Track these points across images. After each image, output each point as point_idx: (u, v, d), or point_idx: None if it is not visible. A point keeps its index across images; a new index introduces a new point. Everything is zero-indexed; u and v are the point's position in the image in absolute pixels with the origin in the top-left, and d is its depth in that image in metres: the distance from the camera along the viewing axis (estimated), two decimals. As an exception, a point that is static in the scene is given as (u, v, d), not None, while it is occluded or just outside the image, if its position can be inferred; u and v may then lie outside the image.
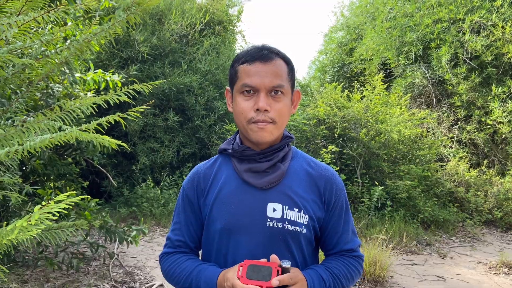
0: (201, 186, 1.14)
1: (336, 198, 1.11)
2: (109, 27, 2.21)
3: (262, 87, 1.01)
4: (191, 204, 1.15)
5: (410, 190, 5.89)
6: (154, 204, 5.99)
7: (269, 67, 1.02)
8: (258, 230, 1.05)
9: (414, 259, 4.82)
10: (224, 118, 7.40)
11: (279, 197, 1.06)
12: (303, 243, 1.08)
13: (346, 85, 9.65)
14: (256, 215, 1.06)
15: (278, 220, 1.05)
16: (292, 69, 1.10)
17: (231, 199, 1.08)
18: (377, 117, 6.32)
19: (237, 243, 1.07)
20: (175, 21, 7.16)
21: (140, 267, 4.14)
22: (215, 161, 1.18)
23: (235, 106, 1.08)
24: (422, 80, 8.15)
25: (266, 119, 1.02)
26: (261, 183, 1.06)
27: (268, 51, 1.04)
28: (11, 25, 1.76)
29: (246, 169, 1.08)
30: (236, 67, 1.08)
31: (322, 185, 1.10)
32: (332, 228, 1.12)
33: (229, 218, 1.07)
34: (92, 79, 4.79)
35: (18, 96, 2.66)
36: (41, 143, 1.86)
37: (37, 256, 3.91)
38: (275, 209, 1.05)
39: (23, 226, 1.45)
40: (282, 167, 1.08)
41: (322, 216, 1.10)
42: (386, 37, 8.70)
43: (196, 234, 1.16)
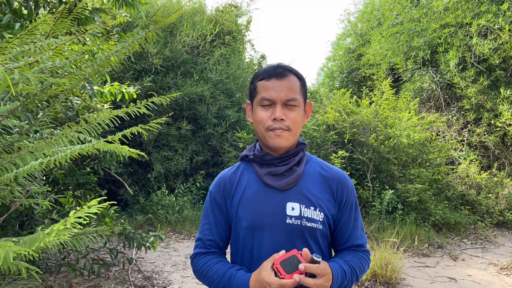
0: (227, 190, 1.28)
1: (347, 198, 1.25)
2: (129, 45, 2.38)
3: (278, 99, 1.17)
4: (219, 206, 1.28)
5: (421, 194, 5.94)
6: (169, 211, 6.14)
7: (284, 82, 1.18)
8: (279, 227, 1.18)
9: (425, 261, 4.87)
10: (236, 126, 7.56)
11: (297, 197, 1.20)
12: (319, 238, 1.21)
13: (355, 91, 9.75)
14: (276, 214, 1.19)
15: (296, 217, 1.18)
16: (304, 84, 1.25)
17: (254, 200, 1.22)
18: (386, 122, 6.41)
19: (261, 239, 1.19)
20: (186, 33, 7.37)
21: (158, 272, 4.28)
22: (238, 167, 1.33)
23: (255, 116, 1.23)
24: (431, 84, 8.21)
25: (282, 127, 1.17)
26: (280, 184, 1.20)
27: (283, 69, 1.20)
28: (44, 47, 1.93)
29: (266, 172, 1.22)
30: (255, 83, 1.24)
31: (334, 186, 1.24)
32: (343, 224, 1.25)
33: (253, 217, 1.20)
34: (109, 91, 5.00)
35: (45, 110, 2.85)
36: (71, 154, 2.03)
37: (59, 262, 4.09)
38: (293, 208, 1.18)
39: (59, 230, 1.61)
40: (298, 170, 1.22)
41: (335, 214, 1.24)
42: (394, 43, 8.80)
43: (224, 234, 1.30)
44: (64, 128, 2.55)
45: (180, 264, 4.57)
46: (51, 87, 2.47)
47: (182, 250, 5.10)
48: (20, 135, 2.67)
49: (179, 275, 4.21)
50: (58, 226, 1.59)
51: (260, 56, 10.04)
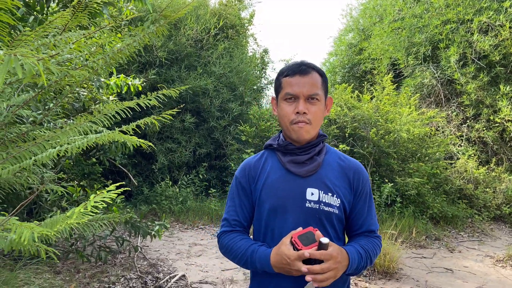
0: (252, 174, 1.39)
1: (362, 186, 1.36)
2: (140, 38, 2.48)
3: (301, 94, 1.27)
4: (244, 189, 1.40)
5: (419, 187, 6.05)
6: (173, 201, 6.27)
7: (306, 79, 1.28)
8: (299, 210, 1.29)
9: (423, 252, 5.00)
10: (238, 119, 7.66)
11: (316, 183, 1.30)
12: (335, 221, 1.32)
13: (356, 86, 9.84)
14: (297, 198, 1.29)
15: (315, 202, 1.28)
16: (325, 80, 1.35)
17: (277, 185, 1.32)
18: (386, 117, 6.51)
19: (282, 220, 1.29)
20: (190, 27, 7.45)
21: (163, 260, 4.41)
22: (262, 155, 1.45)
23: (279, 110, 1.34)
24: (431, 80, 8.29)
25: (304, 120, 1.28)
26: (301, 171, 1.31)
27: (306, 66, 1.30)
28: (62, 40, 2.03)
29: (288, 160, 1.34)
30: (280, 79, 1.34)
31: (351, 174, 1.35)
32: (358, 211, 1.36)
33: (275, 200, 1.31)
34: (115, 83, 5.09)
35: (58, 101, 2.95)
36: (88, 142, 2.14)
37: (67, 249, 4.21)
38: (312, 193, 1.29)
39: (81, 212, 1.72)
40: (318, 159, 1.33)
41: (351, 200, 1.35)
42: (395, 38, 8.87)
43: (248, 215, 1.41)
44: (77, 118, 2.66)
45: (184, 252, 4.70)
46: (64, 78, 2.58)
47: (186, 239, 5.23)
48: (34, 124, 2.78)
49: (183, 263, 4.34)
50: (79, 209, 1.71)
51: (262, 50, 10.11)
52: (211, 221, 6.07)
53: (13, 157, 2.26)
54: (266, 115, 7.36)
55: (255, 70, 9.40)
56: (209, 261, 4.43)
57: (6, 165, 2.16)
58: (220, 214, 6.13)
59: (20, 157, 2.27)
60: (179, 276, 3.94)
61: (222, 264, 4.36)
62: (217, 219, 6.11)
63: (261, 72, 9.94)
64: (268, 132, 7.04)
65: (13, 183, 2.36)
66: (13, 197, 3.74)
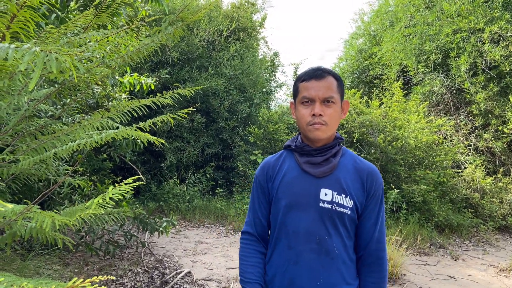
0: (270, 173, 1.47)
1: (375, 189, 1.39)
2: (158, 39, 2.57)
3: (317, 98, 1.33)
4: (262, 188, 1.48)
5: (425, 195, 6.07)
6: (180, 199, 6.35)
7: (322, 83, 1.34)
8: (313, 209, 1.35)
9: (427, 260, 5.01)
10: (247, 120, 7.74)
11: (331, 184, 1.36)
12: (347, 221, 1.37)
13: (365, 91, 9.87)
14: (311, 197, 1.35)
15: (328, 202, 1.34)
16: (341, 84, 1.40)
17: (293, 183, 1.39)
18: (394, 123, 6.54)
19: (297, 218, 1.36)
20: (203, 28, 7.55)
21: (169, 256, 4.49)
22: (281, 155, 1.52)
23: (297, 113, 1.41)
24: (441, 88, 8.29)
25: (320, 122, 1.33)
26: (316, 172, 1.37)
27: (321, 71, 1.37)
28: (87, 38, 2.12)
29: (305, 161, 1.40)
30: (297, 84, 1.42)
31: (365, 177, 1.39)
32: (369, 212, 1.40)
33: (291, 198, 1.38)
34: (128, 81, 5.19)
35: (77, 97, 3.05)
36: (107, 137, 2.22)
37: (77, 241, 4.31)
38: (326, 193, 1.35)
39: (99, 203, 1.80)
40: (334, 161, 1.38)
41: (364, 202, 1.39)
42: (406, 45, 8.89)
43: (266, 213, 1.49)
44: (94, 114, 2.75)
45: (190, 249, 4.77)
46: (84, 75, 2.67)
47: (192, 237, 5.30)
48: (54, 119, 2.87)
49: (189, 260, 4.41)
50: (98, 200, 1.78)
51: (273, 53, 10.18)
52: (217, 220, 6.14)
53: (33, 150, 2.35)
54: (274, 118, 7.43)
55: (265, 72, 9.48)
56: (214, 259, 4.50)
57: (26, 156, 2.25)
58: (226, 214, 6.20)
59: (39, 149, 2.36)
60: (185, 273, 4.01)
61: (227, 262, 4.43)
62: (223, 219, 6.18)
63: (270, 75, 10.02)
64: (276, 134, 7.10)
65: (32, 174, 2.45)
66: (26, 189, 3.84)
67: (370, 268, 1.40)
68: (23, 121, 2.60)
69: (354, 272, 1.40)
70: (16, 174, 2.34)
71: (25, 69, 1.90)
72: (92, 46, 1.82)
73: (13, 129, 2.52)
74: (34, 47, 1.28)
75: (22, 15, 1.80)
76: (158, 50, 7.10)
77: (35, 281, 0.97)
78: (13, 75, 1.88)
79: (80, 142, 2.11)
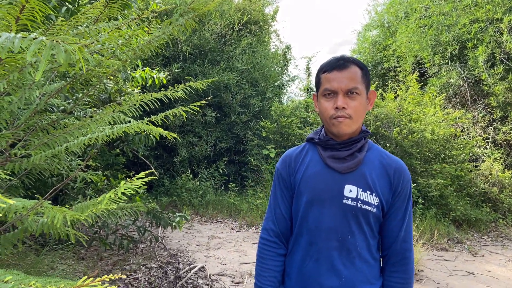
0: (292, 166, 1.40)
1: (402, 187, 1.30)
2: (169, 31, 2.51)
3: (339, 90, 1.25)
4: (284, 181, 1.41)
5: (442, 189, 5.94)
6: (193, 194, 6.34)
7: (345, 73, 1.25)
8: (336, 205, 1.28)
9: (444, 255, 4.91)
10: (259, 114, 7.67)
11: (356, 180, 1.28)
12: (371, 219, 1.29)
13: (379, 84, 9.70)
14: (335, 193, 1.28)
15: (352, 199, 1.27)
16: (366, 73, 1.31)
17: (315, 178, 1.32)
18: (410, 116, 6.40)
19: (319, 214, 1.30)
20: (214, 22, 7.48)
21: (183, 251, 4.47)
22: (303, 148, 1.44)
23: (320, 106, 1.33)
24: (458, 80, 8.10)
25: (344, 115, 1.25)
26: (341, 167, 1.29)
27: (344, 61, 1.27)
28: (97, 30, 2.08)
29: (329, 155, 1.32)
30: (319, 76, 1.33)
31: (392, 173, 1.31)
32: (395, 210, 1.32)
33: (313, 193, 1.31)
34: (140, 76, 5.17)
35: (88, 91, 3.02)
36: (118, 131, 2.18)
37: (91, 236, 4.32)
38: (351, 190, 1.27)
39: (111, 198, 1.76)
40: (359, 156, 1.30)
41: (390, 199, 1.32)
42: (421, 36, 8.70)
43: (289, 206, 1.42)
44: (106, 108, 2.72)
45: (203, 244, 4.75)
46: (95, 68, 2.64)
47: (205, 232, 5.28)
48: (65, 113, 2.85)
49: (202, 255, 4.39)
50: (110, 195, 1.75)
51: (285, 46, 10.08)
52: (230, 215, 6.11)
53: (44, 144, 2.32)
54: (287, 112, 7.35)
55: (277, 66, 9.39)
56: (227, 254, 4.47)
57: (38, 151, 2.23)
58: (239, 209, 6.17)
59: (51, 144, 2.34)
60: (198, 268, 3.99)
61: (240, 257, 4.39)
62: (236, 214, 6.14)
63: (283, 68, 9.92)
64: (289, 128, 7.03)
65: (44, 169, 2.43)
66: (40, 184, 3.85)
67: (394, 267, 1.33)
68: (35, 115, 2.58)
69: (377, 272, 1.33)
70: (29, 169, 2.33)
71: (34, 61, 1.87)
72: (102, 38, 1.77)
73: (25, 123, 2.50)
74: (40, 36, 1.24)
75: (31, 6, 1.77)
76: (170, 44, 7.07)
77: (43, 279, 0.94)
78: (23, 68, 1.85)
79: (92, 136, 2.08)
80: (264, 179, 6.58)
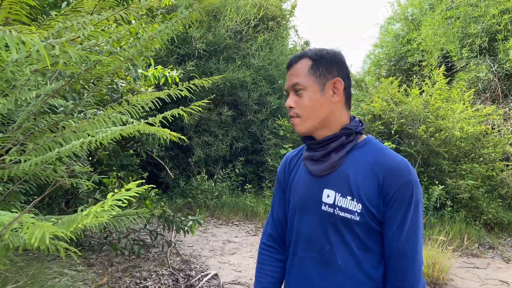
0: (287, 169, 1.32)
1: (395, 191, 1.05)
2: (172, 24, 2.31)
3: (288, 88, 1.17)
4: (280, 183, 1.34)
5: (472, 190, 5.61)
6: (208, 196, 6.16)
7: (291, 70, 1.17)
8: (316, 212, 1.15)
9: (475, 262, 4.59)
10: (276, 113, 7.43)
11: (335, 184, 1.12)
12: (357, 229, 1.08)
13: (404, 80, 9.31)
14: (315, 199, 1.16)
15: (330, 205, 1.12)
16: (320, 63, 1.15)
17: (300, 183, 1.22)
18: (437, 113, 6.05)
19: (301, 221, 1.19)
20: (230, 18, 7.27)
21: (196, 256, 4.29)
22: (301, 149, 1.33)
23: None
24: (488, 74, 7.68)
25: (292, 114, 1.16)
26: (315, 170, 1.16)
27: (294, 57, 1.18)
28: (86, 23, 1.89)
29: (306, 156, 1.21)
30: None
31: (381, 175, 1.07)
32: (388, 220, 1.07)
33: (296, 199, 1.22)
34: (152, 75, 5.02)
35: (89, 90, 2.85)
36: (112, 135, 1.99)
37: (102, 241, 4.19)
38: (328, 195, 1.12)
39: (97, 212, 1.56)
40: (335, 157, 1.14)
41: (381, 206, 1.08)
42: (448, 28, 8.28)
43: (285, 210, 1.32)
44: (107, 109, 2.53)
45: (217, 249, 4.56)
46: (95, 67, 2.46)
47: (220, 235, 5.09)
48: (65, 115, 2.69)
49: (216, 261, 4.20)
50: (96, 208, 1.55)
51: (304, 42, 9.80)
52: (246, 218, 5.90)
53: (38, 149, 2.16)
54: (306, 109, 7.09)
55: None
56: (243, 260, 4.26)
57: (31, 156, 2.06)
58: (256, 211, 5.95)
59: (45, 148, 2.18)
60: (211, 275, 3.80)
61: (256, 264, 4.18)
62: (252, 216, 5.93)
63: (301, 65, 9.64)
64: (308, 127, 6.76)
65: (39, 175, 2.28)
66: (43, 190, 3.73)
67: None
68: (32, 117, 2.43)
69: None
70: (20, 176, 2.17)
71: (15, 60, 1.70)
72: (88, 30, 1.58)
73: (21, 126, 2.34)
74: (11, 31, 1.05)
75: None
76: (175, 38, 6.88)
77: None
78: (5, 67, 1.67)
79: (84, 141, 1.89)
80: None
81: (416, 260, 1.07)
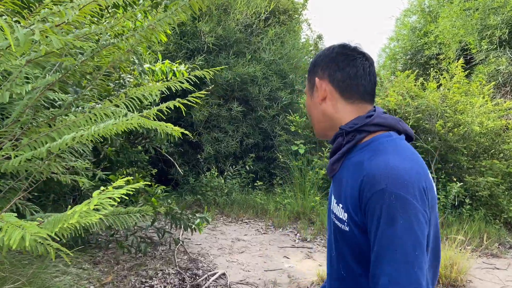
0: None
1: (366, 201, 0.88)
2: (172, 13, 2.18)
3: None
4: None
5: (492, 188, 5.37)
6: (218, 193, 6.05)
7: None
8: (330, 218, 1.11)
9: (495, 263, 4.39)
10: (288, 108, 7.27)
11: (334, 190, 1.07)
12: (350, 240, 0.95)
13: (420, 73, 9.04)
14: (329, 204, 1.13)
15: (332, 213, 1.06)
16: (312, 67, 1.13)
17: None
18: (455, 107, 5.80)
19: (328, 225, 1.16)
20: (240, 11, 7.12)
21: (204, 255, 4.19)
22: None
23: None
24: (508, 67, 7.37)
25: None
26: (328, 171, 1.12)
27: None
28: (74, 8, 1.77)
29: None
30: None
31: (359, 181, 0.91)
32: (369, 234, 0.90)
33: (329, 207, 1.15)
34: (160, 69, 4.92)
35: (89, 84, 2.75)
36: (105, 129, 1.87)
37: (108, 238, 4.11)
38: (333, 202, 1.07)
39: (84, 211, 1.45)
40: (331, 160, 1.09)
41: (363, 218, 0.91)
42: (466, 20, 7.98)
43: None
44: (105, 102, 2.43)
45: (226, 248, 4.44)
46: (92, 58, 2.35)
47: (229, 233, 4.97)
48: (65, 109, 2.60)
49: (224, 259, 4.09)
50: (81, 208, 1.44)
51: (316, 36, 9.60)
52: (256, 215, 5.77)
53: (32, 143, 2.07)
54: (318, 105, 6.90)
55: (308, 56, 8.91)
56: (251, 259, 4.14)
57: (23, 152, 1.97)
58: (266, 209, 5.81)
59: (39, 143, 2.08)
60: (218, 275, 3.68)
61: (265, 263, 4.05)
62: (263, 214, 5.79)
63: (314, 59, 9.45)
64: (320, 122, 6.58)
65: (32, 171, 2.18)
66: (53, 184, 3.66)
67: None
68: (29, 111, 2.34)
69: None
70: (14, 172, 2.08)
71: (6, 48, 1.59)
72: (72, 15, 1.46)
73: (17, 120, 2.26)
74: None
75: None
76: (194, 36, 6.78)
77: None
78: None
79: (76, 135, 1.79)
80: (293, 177, 6.18)
81: (388, 284, 0.82)
